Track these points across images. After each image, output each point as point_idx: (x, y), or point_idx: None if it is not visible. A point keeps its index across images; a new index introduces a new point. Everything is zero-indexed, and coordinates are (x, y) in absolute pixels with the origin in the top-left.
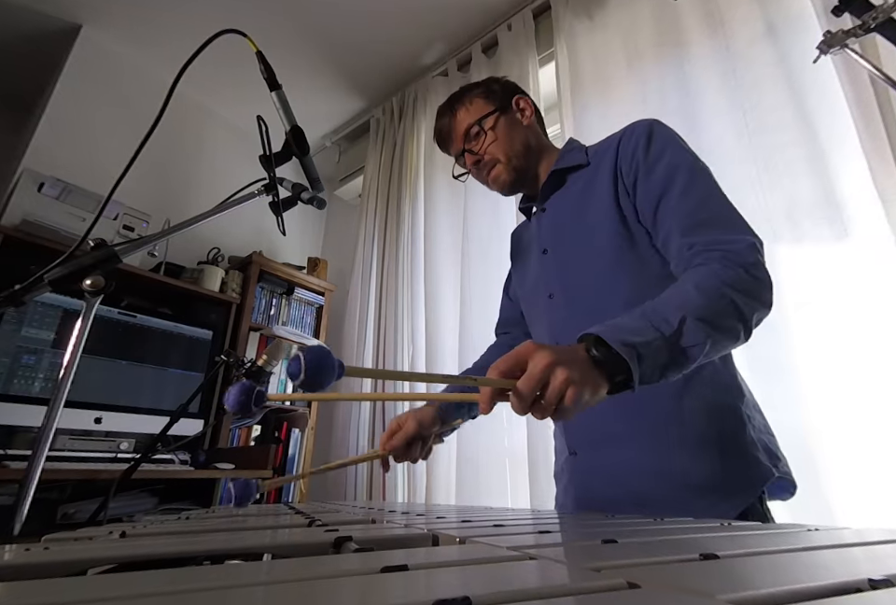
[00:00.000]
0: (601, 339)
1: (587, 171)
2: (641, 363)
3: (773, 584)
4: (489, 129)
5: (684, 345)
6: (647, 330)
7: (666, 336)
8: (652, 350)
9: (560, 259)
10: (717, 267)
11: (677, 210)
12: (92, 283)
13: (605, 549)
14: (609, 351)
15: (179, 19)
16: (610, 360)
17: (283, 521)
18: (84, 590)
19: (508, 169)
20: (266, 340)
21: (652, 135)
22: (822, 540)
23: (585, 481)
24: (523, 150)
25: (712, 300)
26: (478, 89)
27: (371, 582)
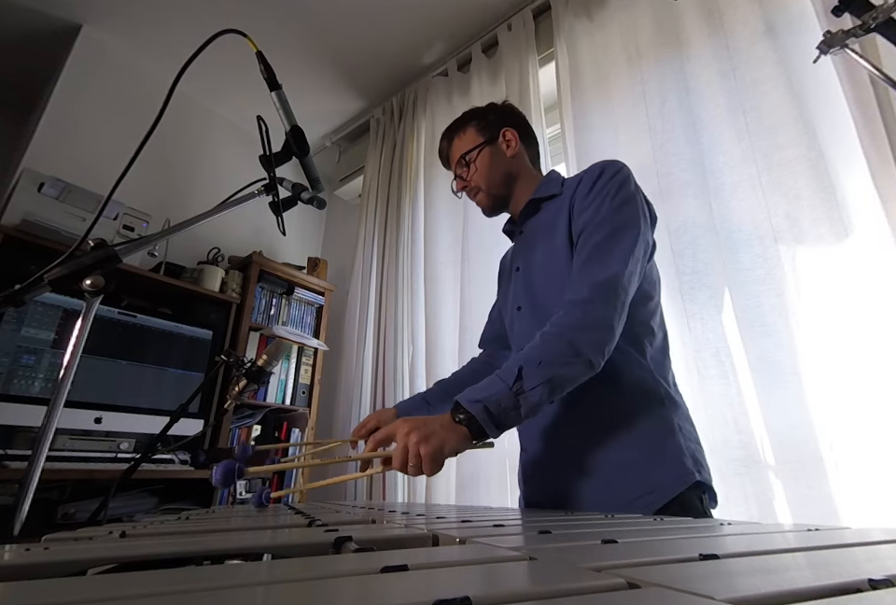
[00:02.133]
0: (457, 401)
1: (559, 200)
2: (490, 414)
3: (773, 584)
4: (473, 161)
5: (526, 389)
6: (494, 386)
7: (509, 385)
8: (497, 401)
9: (528, 276)
10: (562, 313)
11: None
12: (92, 283)
13: (605, 549)
14: (465, 411)
15: (180, 19)
16: (467, 418)
17: (283, 521)
18: (84, 590)
19: (488, 196)
20: (266, 340)
21: (600, 178)
22: (822, 540)
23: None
24: (501, 181)
25: (549, 344)
26: (474, 120)
27: (370, 582)
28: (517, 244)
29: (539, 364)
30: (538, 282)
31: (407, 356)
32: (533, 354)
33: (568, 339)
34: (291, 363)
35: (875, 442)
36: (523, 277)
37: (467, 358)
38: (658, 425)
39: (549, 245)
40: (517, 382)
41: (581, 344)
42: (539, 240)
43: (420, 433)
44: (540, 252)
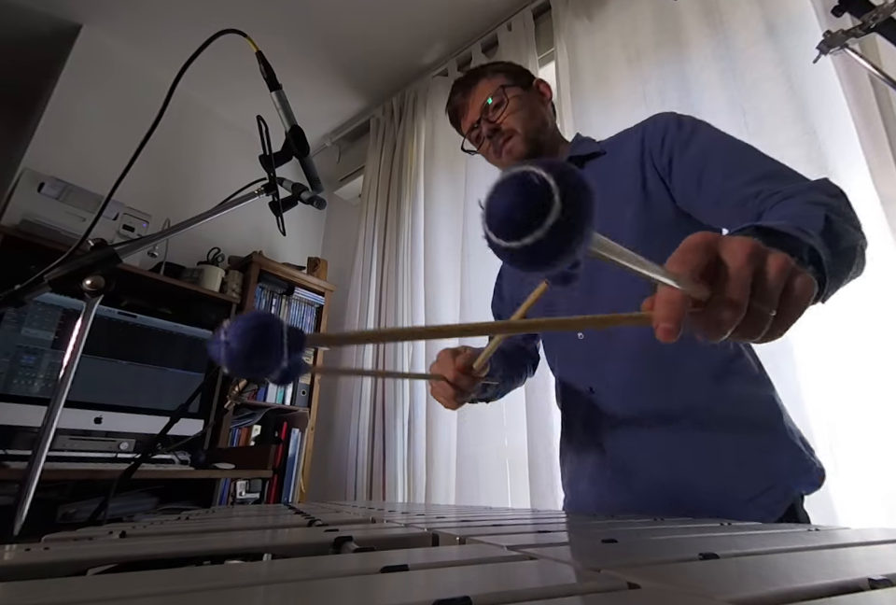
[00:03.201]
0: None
1: (603, 160)
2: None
3: (773, 584)
4: (512, 97)
5: (840, 247)
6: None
7: (820, 233)
8: (821, 243)
9: None
10: (812, 194)
11: (727, 169)
12: (92, 283)
13: (605, 549)
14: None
15: (180, 18)
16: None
17: (283, 521)
18: (84, 590)
19: (525, 141)
20: None
21: (682, 119)
22: (822, 540)
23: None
24: (541, 126)
25: (833, 212)
26: (500, 64)
27: (370, 582)
28: None
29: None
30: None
31: (407, 355)
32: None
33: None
34: None
35: (874, 441)
36: None
37: None
38: (761, 407)
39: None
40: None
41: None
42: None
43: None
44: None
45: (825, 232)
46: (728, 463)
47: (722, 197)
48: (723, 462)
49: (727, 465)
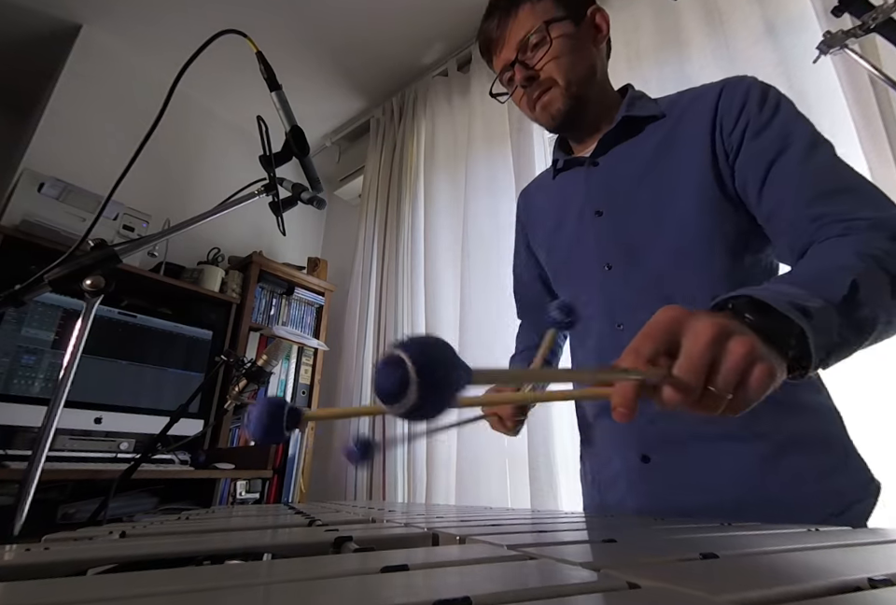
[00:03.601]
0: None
1: (664, 124)
2: (816, 334)
3: (773, 584)
4: (556, 37)
5: (860, 318)
6: (806, 296)
7: (836, 303)
8: (825, 318)
9: (622, 223)
10: (867, 237)
11: (795, 177)
12: (92, 283)
13: (605, 549)
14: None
15: (180, 19)
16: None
17: (283, 521)
18: (84, 590)
19: (565, 96)
20: (266, 340)
21: (769, 92)
22: (822, 540)
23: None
24: (587, 77)
25: (881, 269)
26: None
27: (370, 582)
28: (589, 178)
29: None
30: (641, 232)
31: None
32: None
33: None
34: (291, 363)
35: (874, 441)
36: (612, 224)
37: (466, 358)
38: (826, 416)
39: (659, 186)
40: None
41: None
42: (640, 177)
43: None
44: (644, 195)
45: (844, 301)
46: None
47: (777, 209)
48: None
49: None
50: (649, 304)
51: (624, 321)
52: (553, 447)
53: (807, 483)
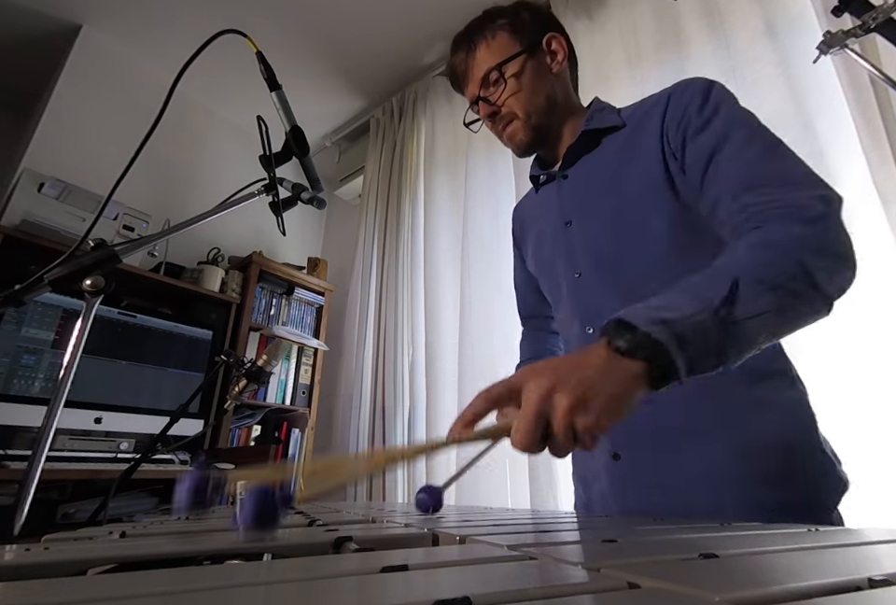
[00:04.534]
0: (625, 322)
1: (623, 134)
2: (685, 346)
3: (773, 584)
4: (511, 76)
5: (741, 317)
6: (685, 303)
7: (715, 306)
8: (695, 326)
9: (588, 232)
10: (774, 226)
11: (729, 170)
12: (92, 283)
13: (605, 549)
14: (636, 335)
15: (180, 19)
16: (642, 346)
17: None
18: (84, 590)
19: (526, 127)
20: (266, 340)
21: (711, 91)
22: (822, 540)
23: (631, 491)
24: (545, 106)
25: (771, 259)
26: (504, 19)
27: (370, 582)
28: (561, 191)
29: (761, 284)
30: (605, 238)
31: (407, 356)
32: (747, 266)
33: (799, 259)
34: (291, 363)
35: (874, 441)
36: (579, 235)
37: (466, 357)
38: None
39: (620, 193)
40: (727, 304)
41: (817, 271)
42: (603, 186)
43: (572, 391)
44: (607, 203)
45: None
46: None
47: (715, 204)
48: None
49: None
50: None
51: (594, 325)
52: None
53: (772, 482)
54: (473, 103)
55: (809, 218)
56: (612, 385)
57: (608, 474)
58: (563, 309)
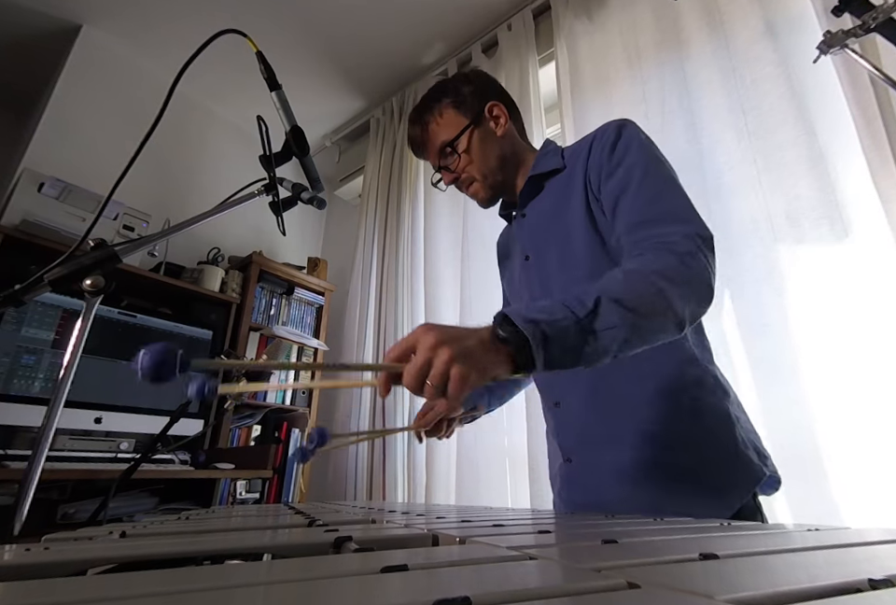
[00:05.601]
0: (507, 317)
1: (564, 175)
2: (547, 343)
3: (773, 585)
4: (463, 151)
5: (598, 328)
6: (557, 310)
7: (579, 317)
8: (559, 329)
9: (541, 265)
10: (648, 256)
11: (628, 211)
12: (92, 283)
13: (605, 549)
14: (513, 329)
15: (180, 19)
16: (514, 339)
17: (283, 521)
18: (84, 590)
19: (485, 187)
20: (266, 340)
21: (619, 138)
22: (822, 540)
23: (576, 489)
24: (498, 165)
25: (635, 285)
26: (447, 98)
27: (370, 582)
28: (521, 228)
29: (620, 303)
30: (553, 273)
31: None
32: (613, 289)
33: (659, 287)
34: None
35: (875, 441)
36: (535, 267)
37: None
38: (713, 419)
39: (561, 229)
40: (589, 315)
41: (674, 297)
42: (549, 224)
43: (453, 348)
44: (553, 238)
45: (588, 315)
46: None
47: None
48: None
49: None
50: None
51: None
52: None
53: (694, 479)
54: (437, 170)
55: (678, 251)
56: (485, 358)
57: (563, 473)
58: None
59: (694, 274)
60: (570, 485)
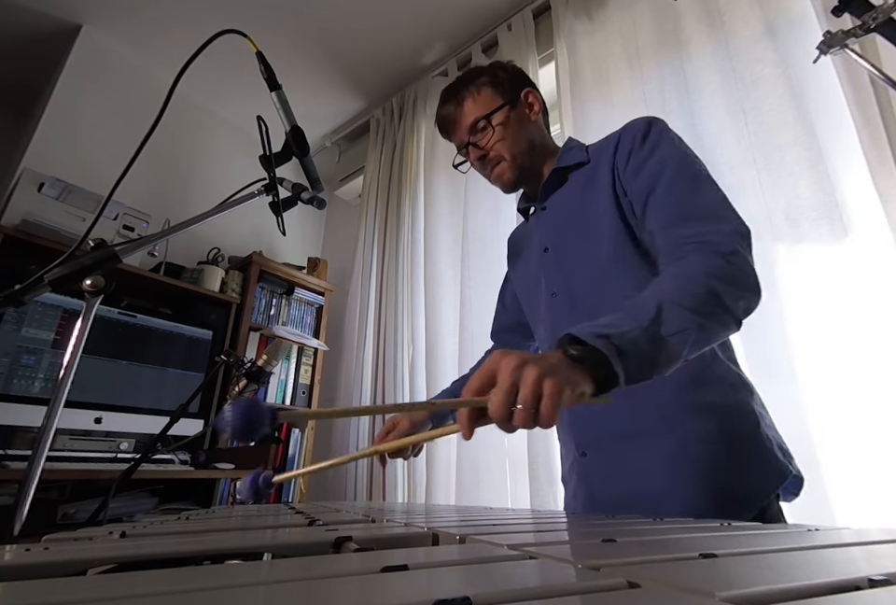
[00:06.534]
0: (575, 337)
1: (588, 169)
2: (623, 357)
3: (772, 584)
4: (497, 125)
5: (665, 334)
6: (622, 322)
7: (644, 326)
8: (630, 341)
9: (561, 257)
10: (694, 258)
11: (661, 206)
12: (92, 283)
13: (605, 548)
14: (585, 347)
15: (180, 19)
16: (589, 356)
17: (283, 521)
18: (84, 590)
19: (512, 168)
20: (266, 340)
21: (649, 133)
22: (822, 539)
23: (595, 483)
24: (528, 149)
25: (689, 287)
26: (484, 76)
27: (370, 582)
28: (540, 221)
29: (682, 306)
30: (573, 265)
31: (407, 356)
32: (669, 294)
33: (711, 288)
34: (291, 363)
35: (873, 442)
36: (554, 259)
37: (466, 357)
38: (739, 416)
39: (583, 221)
40: (654, 323)
41: (726, 296)
42: (571, 215)
43: (540, 365)
44: (574, 230)
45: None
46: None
47: (651, 236)
48: (696, 475)
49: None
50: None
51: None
52: (552, 447)
53: (713, 476)
54: (462, 147)
55: (723, 252)
56: (572, 373)
57: (577, 469)
58: (540, 328)
59: (741, 272)
60: (588, 480)
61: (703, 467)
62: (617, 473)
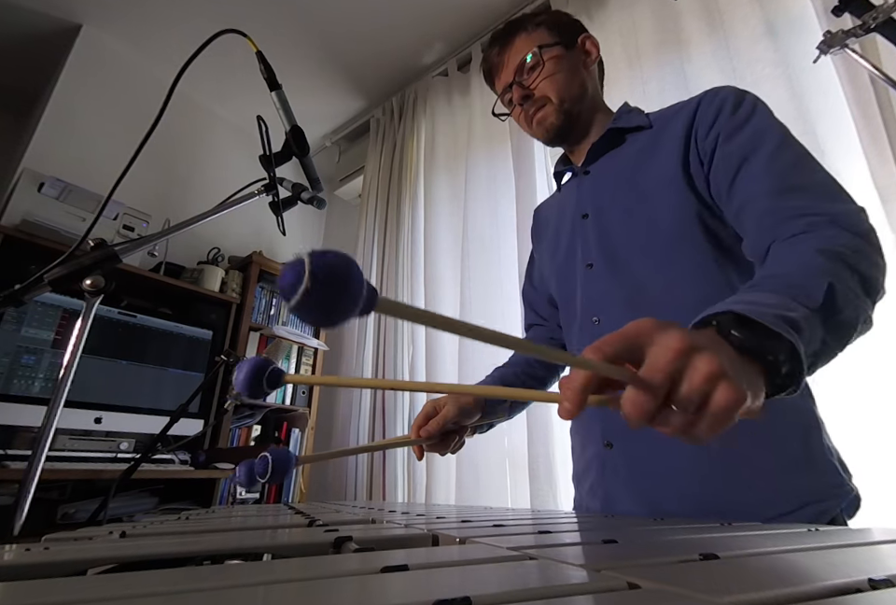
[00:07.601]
0: (742, 317)
1: (648, 133)
2: (806, 348)
3: (773, 585)
4: (549, 59)
5: (838, 322)
6: (792, 305)
7: (816, 310)
8: (810, 329)
9: (603, 225)
10: (831, 233)
11: (762, 174)
12: (92, 283)
13: (605, 549)
14: (754, 334)
15: (180, 18)
16: (763, 347)
17: (283, 521)
18: (84, 590)
19: (558, 112)
20: (266, 340)
21: (743, 100)
22: (822, 540)
23: (620, 479)
24: (579, 95)
25: (847, 267)
26: (543, 16)
27: (370, 582)
28: (580, 187)
29: (852, 292)
30: (618, 232)
31: (407, 356)
32: (835, 271)
33: (861, 270)
34: (291, 363)
35: (873, 442)
36: (594, 226)
37: (467, 357)
38: (799, 418)
39: (638, 188)
40: (827, 305)
41: (868, 280)
42: (620, 181)
43: (719, 355)
44: (624, 197)
45: (823, 307)
46: (758, 478)
47: (743, 206)
48: (753, 477)
49: (757, 480)
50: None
51: (601, 316)
52: (552, 447)
53: (756, 476)
54: (505, 90)
55: (861, 231)
56: (748, 377)
57: (600, 462)
58: (572, 301)
59: (880, 256)
60: (613, 474)
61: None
62: (650, 468)
